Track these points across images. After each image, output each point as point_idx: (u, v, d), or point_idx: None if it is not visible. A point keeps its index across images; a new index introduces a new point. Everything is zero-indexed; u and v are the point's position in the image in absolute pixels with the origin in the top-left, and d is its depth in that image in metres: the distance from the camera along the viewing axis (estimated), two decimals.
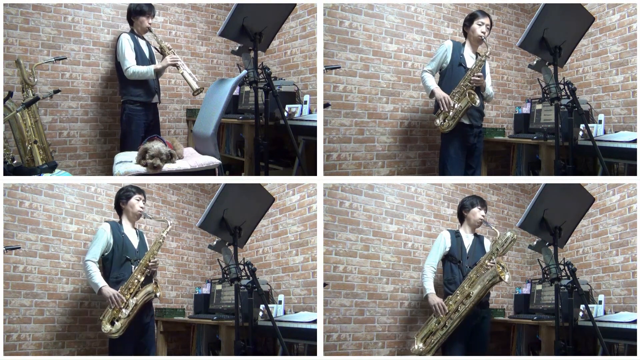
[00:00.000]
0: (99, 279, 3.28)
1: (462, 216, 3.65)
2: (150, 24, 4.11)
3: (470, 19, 3.73)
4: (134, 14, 4.10)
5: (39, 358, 3.64)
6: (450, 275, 3.50)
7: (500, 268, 3.34)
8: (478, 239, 3.60)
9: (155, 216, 3.53)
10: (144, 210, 3.51)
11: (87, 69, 4.40)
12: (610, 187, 4.01)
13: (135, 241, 3.48)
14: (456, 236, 3.56)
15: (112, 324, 3.25)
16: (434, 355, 3.38)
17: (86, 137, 4.46)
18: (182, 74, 4.07)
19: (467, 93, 3.61)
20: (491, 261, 3.37)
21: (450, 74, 3.71)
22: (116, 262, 3.37)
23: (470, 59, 3.74)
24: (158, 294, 3.42)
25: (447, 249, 3.53)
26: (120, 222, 3.51)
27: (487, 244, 3.58)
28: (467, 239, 3.58)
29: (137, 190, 3.53)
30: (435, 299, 3.40)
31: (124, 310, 3.26)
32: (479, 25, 3.69)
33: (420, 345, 3.38)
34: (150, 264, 3.38)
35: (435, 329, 3.38)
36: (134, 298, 3.30)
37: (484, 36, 3.68)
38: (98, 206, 4.09)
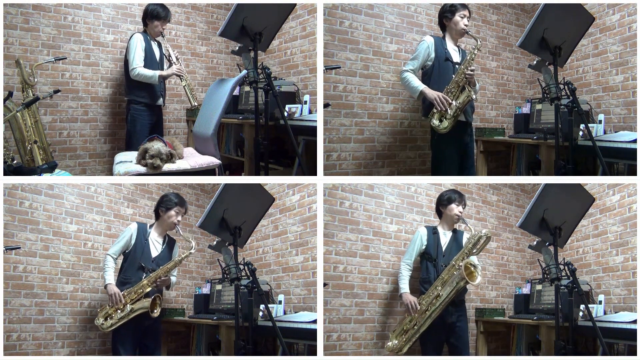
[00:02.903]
0: (108, 275, 3.39)
1: (439, 212, 3.61)
2: (164, 29, 4.13)
3: (451, 11, 3.57)
4: (150, 17, 4.11)
5: (39, 358, 3.64)
6: (425, 274, 3.50)
7: (472, 268, 3.32)
8: (455, 236, 3.56)
9: (184, 235, 3.50)
10: (178, 225, 3.52)
11: (87, 69, 4.41)
12: (610, 187, 4.01)
13: (156, 250, 3.51)
14: (433, 233, 3.53)
15: (106, 319, 3.36)
16: (407, 351, 3.41)
17: (86, 137, 4.46)
18: (184, 87, 4.11)
19: (465, 87, 3.47)
20: (463, 261, 3.35)
21: (438, 71, 3.56)
22: (130, 263, 3.44)
23: (454, 53, 3.61)
24: (155, 311, 3.42)
25: (424, 247, 3.52)
26: (152, 226, 3.54)
27: (466, 239, 3.53)
28: (445, 237, 3.54)
29: (180, 202, 3.52)
30: (408, 298, 3.41)
31: (118, 311, 3.34)
32: (461, 17, 3.55)
33: (395, 342, 3.43)
34: (159, 280, 3.42)
35: (407, 327, 3.41)
36: (132, 305, 3.36)
37: (467, 29, 3.57)
38: (98, 206, 4.08)
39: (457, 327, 3.47)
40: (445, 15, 3.61)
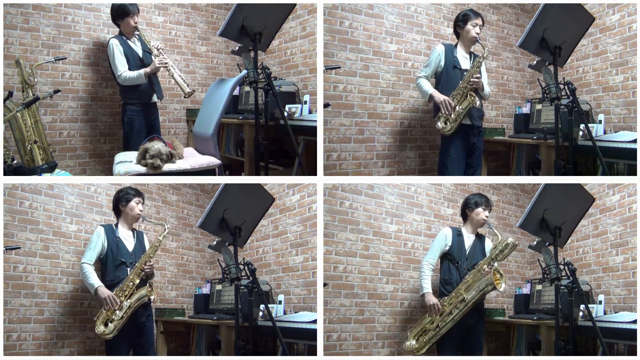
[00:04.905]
0: (94, 280, 3.34)
1: (465, 215, 3.61)
2: (136, 22, 4.03)
3: (463, 20, 3.69)
4: (118, 16, 4.02)
5: (39, 358, 3.64)
6: (447, 275, 3.49)
7: (498, 275, 3.33)
8: (479, 240, 3.57)
9: (153, 220, 3.54)
10: (142, 214, 3.52)
11: (87, 69, 4.40)
12: (610, 187, 4.01)
13: (130, 244, 3.50)
14: (458, 235, 3.53)
15: (106, 325, 3.30)
16: (426, 352, 3.39)
17: (86, 137, 4.46)
18: (172, 76, 4.02)
19: (467, 94, 3.61)
20: (489, 266, 3.36)
21: (446, 78, 3.70)
22: (111, 265, 3.41)
23: (463, 60, 3.73)
24: (152, 298, 3.44)
25: (447, 248, 3.51)
26: (117, 224, 3.52)
27: (489, 245, 3.56)
28: (468, 239, 3.55)
29: (137, 192, 3.54)
30: (432, 299, 3.39)
31: (117, 312, 3.31)
32: (473, 26, 3.66)
33: (413, 342, 3.41)
34: (146, 267, 3.40)
35: (428, 328, 3.40)
36: (128, 300, 3.34)
37: (478, 37, 3.67)
38: (98, 206, 4.08)
39: (476, 328, 3.48)
40: (458, 24, 3.74)
